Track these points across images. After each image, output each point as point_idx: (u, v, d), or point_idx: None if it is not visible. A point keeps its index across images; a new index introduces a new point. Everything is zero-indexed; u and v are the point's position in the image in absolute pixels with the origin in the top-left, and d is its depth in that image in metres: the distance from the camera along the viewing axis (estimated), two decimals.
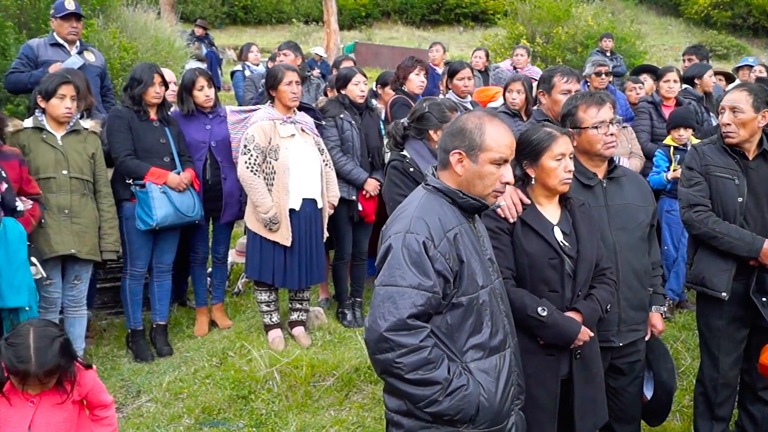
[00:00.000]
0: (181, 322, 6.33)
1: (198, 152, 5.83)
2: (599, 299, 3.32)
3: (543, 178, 3.35)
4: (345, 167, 5.98)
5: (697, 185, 4.14)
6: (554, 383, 3.27)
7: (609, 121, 3.64)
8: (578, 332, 3.18)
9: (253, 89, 8.79)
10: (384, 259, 2.66)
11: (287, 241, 5.39)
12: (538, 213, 3.34)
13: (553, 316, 3.15)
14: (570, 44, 15.91)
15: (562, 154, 3.30)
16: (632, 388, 3.80)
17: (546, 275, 3.25)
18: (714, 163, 4.15)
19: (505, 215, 3.29)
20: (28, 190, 4.77)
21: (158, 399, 5.00)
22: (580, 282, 3.29)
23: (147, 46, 10.56)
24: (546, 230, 3.28)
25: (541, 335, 3.20)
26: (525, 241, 3.25)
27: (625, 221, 3.67)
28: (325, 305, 6.54)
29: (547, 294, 3.24)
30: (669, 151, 6.45)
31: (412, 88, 6.49)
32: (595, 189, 3.68)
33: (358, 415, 4.82)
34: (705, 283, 4.13)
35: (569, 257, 3.29)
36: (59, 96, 5.02)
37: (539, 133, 3.36)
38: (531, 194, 3.40)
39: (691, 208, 4.12)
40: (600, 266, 3.41)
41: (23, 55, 6.29)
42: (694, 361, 5.51)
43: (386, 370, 2.55)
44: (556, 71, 4.68)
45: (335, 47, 18.13)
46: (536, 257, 3.24)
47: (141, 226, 5.38)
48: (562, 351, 3.27)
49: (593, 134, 3.64)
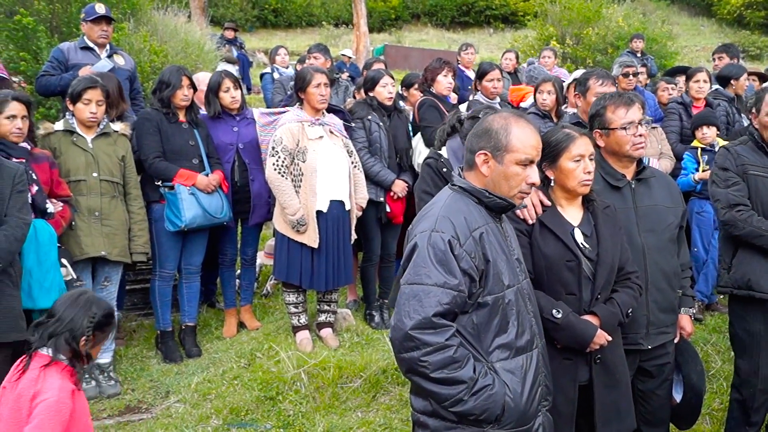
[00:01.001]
0: (210, 324, 6.37)
1: (226, 154, 5.86)
2: (620, 303, 3.28)
3: (561, 179, 3.32)
4: (372, 168, 5.98)
5: (736, 185, 4.07)
6: (572, 388, 3.23)
7: (638, 121, 3.59)
8: (593, 335, 3.14)
9: (282, 91, 8.83)
10: (410, 257, 2.65)
11: (314, 242, 5.39)
12: (557, 214, 3.31)
13: (568, 318, 3.12)
14: (600, 45, 15.76)
15: (580, 156, 3.27)
16: (661, 391, 3.74)
17: (563, 277, 3.22)
18: (750, 163, 4.10)
19: (524, 216, 3.27)
20: (58, 193, 4.84)
21: (187, 400, 5.03)
22: (599, 285, 3.25)
23: (177, 50, 10.64)
24: (564, 232, 3.25)
25: (556, 338, 3.17)
26: (542, 243, 3.23)
27: (653, 223, 3.62)
28: (353, 307, 6.54)
29: (564, 297, 3.21)
30: (696, 153, 6.38)
31: (440, 90, 6.46)
32: (624, 190, 3.64)
33: (386, 416, 4.81)
34: (751, 285, 4.03)
35: (589, 259, 3.25)
36: (84, 101, 5.08)
37: (558, 134, 3.34)
38: (552, 196, 3.37)
39: (733, 207, 4.03)
40: (625, 270, 3.37)
41: (54, 58, 6.37)
42: (724, 364, 5.44)
43: (411, 369, 2.54)
44: (592, 74, 4.66)
45: (365, 50, 18.14)
46: (553, 259, 3.22)
47: (170, 228, 5.42)
48: (581, 355, 3.23)
49: (622, 135, 3.59)
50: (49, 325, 3.07)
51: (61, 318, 3.07)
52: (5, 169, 4.04)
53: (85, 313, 3.10)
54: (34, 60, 7.48)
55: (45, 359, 3.02)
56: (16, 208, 4.07)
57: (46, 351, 3.03)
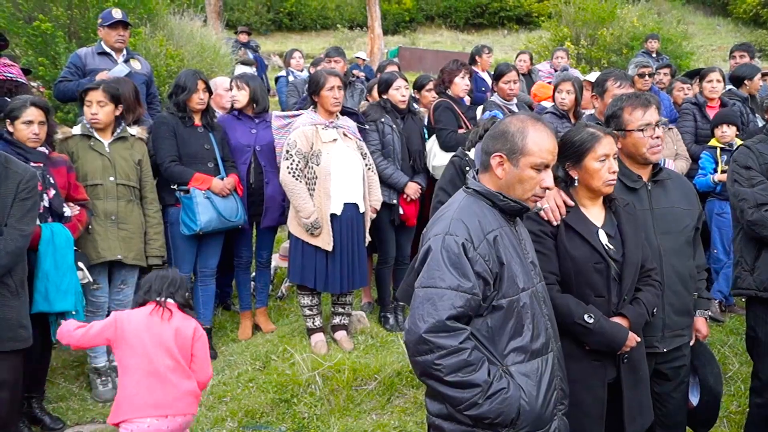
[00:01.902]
0: (225, 326, 6.40)
1: (243, 156, 5.88)
2: (645, 303, 3.27)
3: (586, 179, 3.30)
4: (385, 171, 5.99)
5: (761, 184, 4.00)
6: (601, 389, 3.23)
7: (654, 123, 3.56)
8: (626, 339, 3.14)
9: (296, 94, 8.83)
10: (424, 261, 2.65)
11: (329, 245, 5.41)
12: (582, 216, 3.29)
13: (600, 323, 3.11)
14: (615, 46, 15.69)
15: (605, 155, 3.25)
16: (677, 394, 3.71)
17: (592, 280, 3.20)
18: None
19: (549, 218, 3.24)
20: (75, 197, 4.87)
21: (202, 402, 5.02)
22: (626, 286, 3.24)
23: (193, 54, 10.70)
24: (591, 233, 3.23)
25: (588, 342, 3.16)
26: (569, 245, 3.21)
27: (670, 225, 3.59)
28: (367, 309, 6.55)
29: (594, 299, 3.19)
30: (715, 152, 6.33)
31: (456, 92, 6.45)
32: (640, 192, 3.61)
33: (400, 419, 4.81)
34: None
35: (614, 261, 3.23)
36: (87, 103, 5.14)
37: (582, 134, 3.31)
38: (574, 196, 3.35)
39: (760, 207, 3.94)
40: (645, 267, 3.35)
41: (71, 64, 6.42)
42: (742, 366, 5.40)
43: (426, 372, 2.53)
44: (610, 75, 4.61)
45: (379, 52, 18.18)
46: (581, 261, 3.19)
47: (185, 231, 5.45)
48: (609, 356, 3.22)
49: (638, 137, 3.56)
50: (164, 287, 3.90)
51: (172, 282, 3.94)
52: (12, 174, 3.94)
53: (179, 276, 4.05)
54: (52, 65, 7.56)
55: (174, 306, 3.90)
56: (16, 218, 3.95)
57: (173, 300, 3.91)
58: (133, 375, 3.69)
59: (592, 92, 4.72)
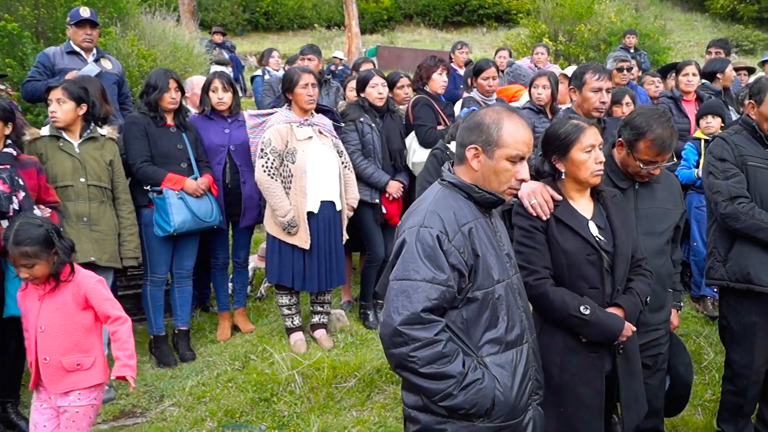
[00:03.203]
0: (204, 327, 6.35)
1: (217, 156, 5.82)
2: (638, 292, 3.30)
3: (573, 171, 3.29)
4: (366, 171, 5.96)
5: (735, 176, 4.03)
6: (599, 380, 3.25)
7: (598, 145, 3.39)
8: (622, 328, 3.16)
9: (271, 93, 8.77)
10: (398, 253, 2.63)
11: (306, 244, 5.36)
12: (571, 209, 3.29)
13: (596, 314, 3.12)
14: (593, 42, 15.80)
15: (591, 146, 3.25)
16: (654, 381, 3.76)
17: (585, 272, 3.21)
18: (748, 154, 4.06)
19: (537, 213, 3.24)
20: (46, 199, 4.79)
21: (181, 403, 5.01)
22: (619, 277, 3.26)
23: (166, 54, 10.61)
24: (581, 226, 3.24)
25: (585, 334, 3.17)
26: (561, 239, 3.21)
27: (653, 225, 3.64)
28: (347, 308, 6.52)
29: (588, 291, 3.20)
30: (699, 144, 6.29)
31: (434, 88, 6.44)
32: (627, 192, 3.66)
33: (380, 415, 4.80)
34: (751, 279, 4.00)
35: (606, 252, 3.24)
36: (48, 101, 5.05)
37: (567, 126, 3.31)
38: (562, 189, 3.35)
39: (734, 200, 3.98)
40: (635, 257, 3.38)
41: (40, 63, 6.33)
42: (716, 356, 5.44)
43: (401, 365, 2.52)
44: (588, 68, 4.61)
45: (357, 51, 18.13)
46: (573, 254, 3.20)
47: (159, 233, 5.39)
48: (605, 347, 3.24)
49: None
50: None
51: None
52: None
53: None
54: (20, 66, 7.46)
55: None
56: None
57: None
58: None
59: (570, 85, 4.70)
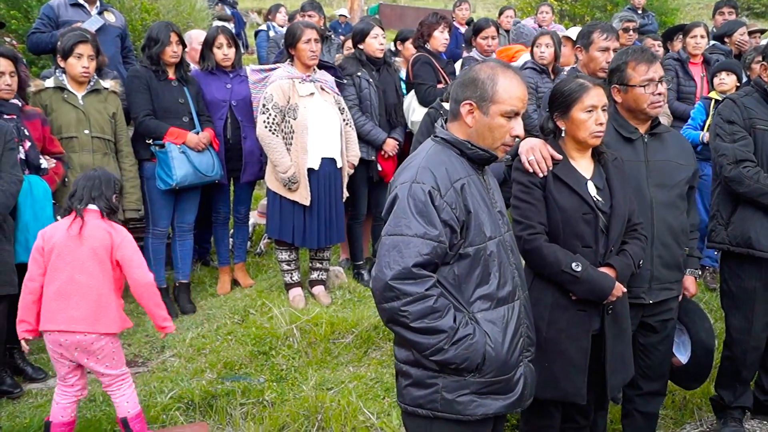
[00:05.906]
0: (204, 281, 6.43)
1: (219, 111, 5.84)
2: (632, 254, 3.30)
3: (573, 130, 3.29)
4: (364, 128, 5.97)
5: (743, 139, 3.95)
6: (585, 338, 3.26)
7: (658, 79, 3.52)
8: (612, 288, 3.17)
9: (277, 50, 8.74)
10: (390, 209, 2.64)
11: (306, 200, 5.40)
12: (570, 167, 3.29)
13: (588, 271, 3.14)
14: (599, 2, 15.60)
15: (593, 106, 3.23)
16: (662, 346, 3.75)
17: (580, 230, 3.22)
18: (758, 117, 3.98)
19: (534, 170, 3.24)
20: (51, 150, 4.85)
21: (182, 354, 5.09)
22: (613, 238, 3.26)
23: (168, 8, 10.49)
24: (579, 185, 3.24)
25: (575, 291, 3.19)
26: (558, 196, 3.22)
27: (664, 178, 3.58)
28: (345, 265, 6.57)
29: (581, 249, 3.21)
30: (709, 105, 6.04)
31: (435, 46, 6.40)
32: (636, 143, 3.60)
33: (377, 371, 4.86)
34: (752, 243, 3.94)
35: (602, 212, 3.25)
36: (76, 55, 5.06)
37: (571, 84, 3.30)
38: (563, 148, 3.34)
39: (739, 163, 3.90)
40: (632, 221, 3.37)
41: (44, 15, 6.29)
42: (716, 322, 5.42)
43: (392, 319, 2.55)
44: (596, 27, 4.50)
45: (359, 9, 17.92)
46: (569, 212, 3.21)
47: (161, 186, 5.44)
48: (594, 306, 3.25)
49: (640, 93, 3.53)
50: (85, 193, 3.74)
51: (95, 185, 3.77)
52: None
53: (108, 177, 3.88)
54: (25, 18, 7.43)
55: (96, 213, 3.74)
56: (9, 164, 4.21)
57: (95, 206, 3.75)
58: (48, 288, 3.72)
59: (576, 44, 4.64)
